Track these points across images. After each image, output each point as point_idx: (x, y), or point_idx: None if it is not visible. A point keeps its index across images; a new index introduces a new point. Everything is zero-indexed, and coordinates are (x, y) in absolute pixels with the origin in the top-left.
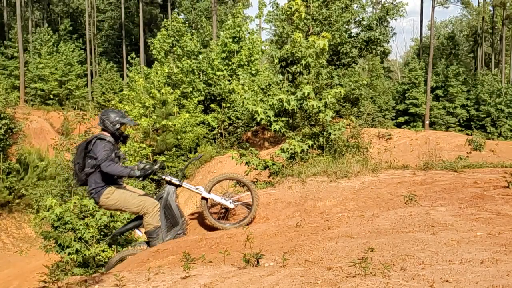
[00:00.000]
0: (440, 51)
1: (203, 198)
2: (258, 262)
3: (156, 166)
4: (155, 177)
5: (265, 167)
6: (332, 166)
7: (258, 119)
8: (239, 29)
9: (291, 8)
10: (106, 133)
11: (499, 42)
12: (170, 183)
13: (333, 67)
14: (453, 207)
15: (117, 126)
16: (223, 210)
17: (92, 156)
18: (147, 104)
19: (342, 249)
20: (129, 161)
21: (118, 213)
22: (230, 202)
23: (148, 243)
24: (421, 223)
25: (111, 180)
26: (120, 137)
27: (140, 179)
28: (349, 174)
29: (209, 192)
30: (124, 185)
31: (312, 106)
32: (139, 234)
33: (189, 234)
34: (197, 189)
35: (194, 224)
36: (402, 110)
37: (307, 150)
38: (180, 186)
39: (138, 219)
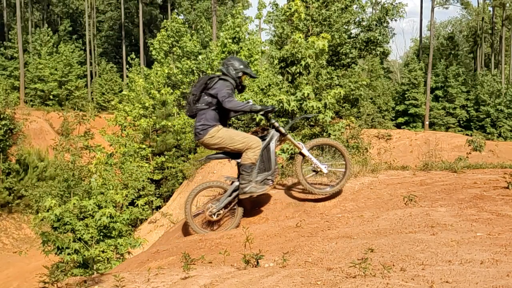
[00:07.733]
0: (439, 51)
1: (300, 153)
2: (258, 262)
3: (275, 107)
4: (262, 122)
5: None
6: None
7: (258, 119)
8: (239, 29)
9: (290, 8)
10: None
11: (498, 42)
12: (277, 129)
13: (333, 67)
14: (453, 208)
15: (240, 74)
16: (310, 175)
17: (209, 93)
18: (146, 104)
19: (342, 250)
20: (129, 161)
21: (118, 213)
22: (325, 167)
23: (238, 178)
24: (421, 224)
25: (220, 120)
26: (239, 86)
27: (261, 113)
28: None
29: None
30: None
31: (312, 106)
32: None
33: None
34: (298, 143)
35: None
36: (401, 111)
37: None
38: (285, 135)
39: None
